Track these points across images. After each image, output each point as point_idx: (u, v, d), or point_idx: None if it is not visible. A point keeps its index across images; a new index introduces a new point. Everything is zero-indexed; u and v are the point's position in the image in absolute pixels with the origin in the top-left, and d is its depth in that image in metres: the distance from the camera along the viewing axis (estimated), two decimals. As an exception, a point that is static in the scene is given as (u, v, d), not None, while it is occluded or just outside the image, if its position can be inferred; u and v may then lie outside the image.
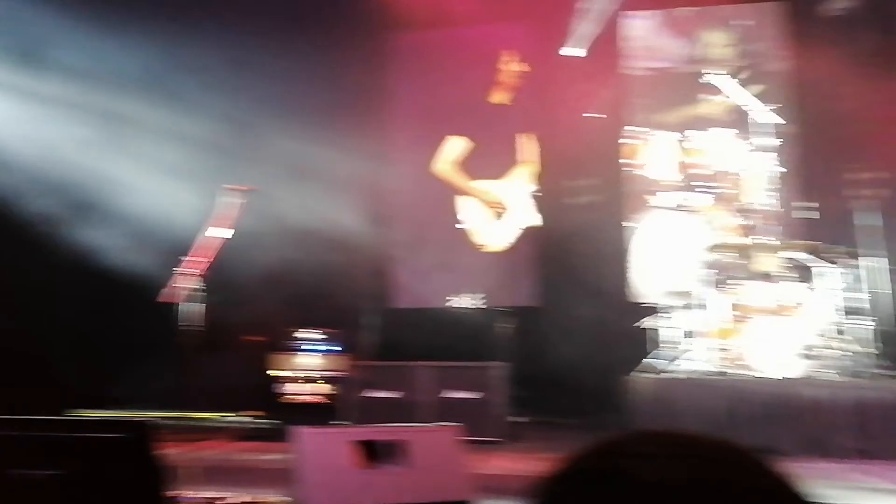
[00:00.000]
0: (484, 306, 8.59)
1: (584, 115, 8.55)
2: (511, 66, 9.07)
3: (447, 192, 9.17)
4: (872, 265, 6.67)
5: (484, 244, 9.01)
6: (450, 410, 6.29)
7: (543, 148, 8.91)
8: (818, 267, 6.60)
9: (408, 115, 9.28)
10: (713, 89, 8.38)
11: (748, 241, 7.48)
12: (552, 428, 7.31)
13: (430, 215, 9.08)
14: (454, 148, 9.17)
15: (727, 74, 8.26)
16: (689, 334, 6.77)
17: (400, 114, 9.32)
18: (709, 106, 8.51)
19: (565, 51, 8.67)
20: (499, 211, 9.06)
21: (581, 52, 8.61)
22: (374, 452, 3.04)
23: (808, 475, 4.83)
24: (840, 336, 6.33)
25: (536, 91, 8.97)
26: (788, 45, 8.43)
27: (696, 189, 8.35)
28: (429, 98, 9.15)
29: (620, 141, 8.77)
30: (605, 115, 8.58)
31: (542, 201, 8.95)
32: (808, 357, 6.04)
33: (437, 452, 2.98)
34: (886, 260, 6.66)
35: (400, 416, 6.31)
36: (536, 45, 9.00)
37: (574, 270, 8.44)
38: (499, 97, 9.14)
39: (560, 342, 7.93)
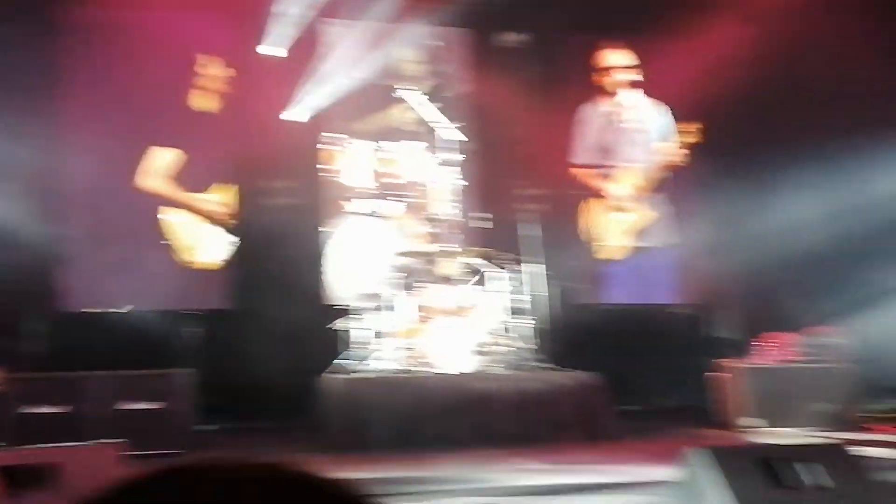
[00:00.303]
0: (169, 309, 8.08)
1: (282, 117, 8.50)
2: (211, 70, 8.66)
3: (129, 189, 8.44)
4: (533, 270, 7.59)
5: (194, 260, 8.46)
6: (127, 423, 5.82)
7: (242, 150, 8.61)
8: (490, 272, 7.34)
9: (88, 102, 8.39)
10: (406, 103, 8.87)
11: (432, 247, 8.05)
12: (243, 434, 7.15)
13: (111, 212, 8.31)
14: (161, 159, 8.49)
15: (417, 90, 8.81)
16: (378, 335, 7.07)
17: (78, 100, 8.39)
18: (401, 119, 8.96)
19: (263, 49, 8.53)
20: (212, 224, 8.58)
21: (280, 52, 8.54)
22: (17, 479, 2.66)
23: (478, 461, 5.37)
24: (507, 334, 7.10)
25: (234, 90, 8.70)
26: (470, 69, 9.24)
27: (389, 197, 8.74)
28: (113, 86, 8.38)
29: (319, 146, 8.86)
30: (303, 120, 8.60)
31: (240, 203, 8.68)
32: (480, 353, 6.66)
33: (95, 474, 2.71)
34: (544, 266, 7.62)
35: (67, 434, 5.67)
36: (234, 40, 8.70)
37: (270, 273, 8.35)
38: (201, 102, 8.68)
39: (254, 346, 7.79)
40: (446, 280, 7.30)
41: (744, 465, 3.09)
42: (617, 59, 9.61)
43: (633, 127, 9.62)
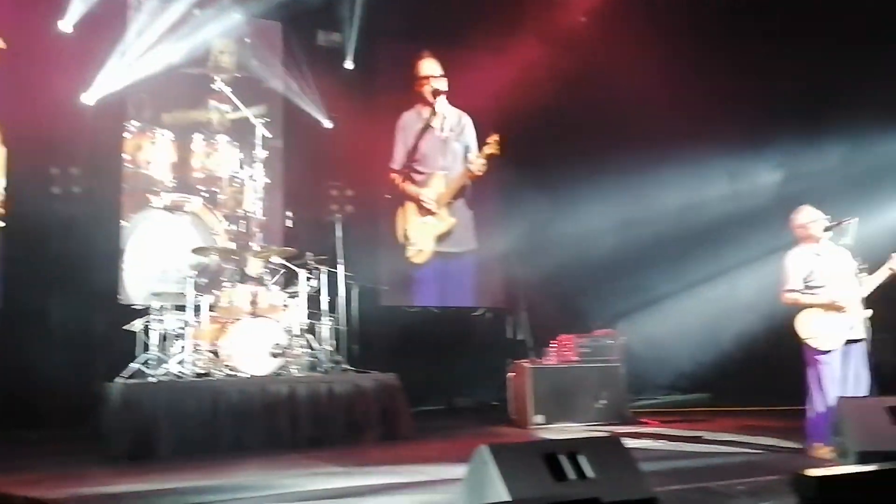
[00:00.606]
0: None
1: (80, 101, 7.79)
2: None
3: None
4: (337, 272, 7.55)
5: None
6: None
7: (21, 133, 7.74)
8: (294, 272, 7.22)
9: None
10: (217, 96, 8.50)
11: (235, 245, 7.78)
12: (15, 444, 6.45)
13: None
14: None
15: (229, 84, 8.49)
16: (178, 336, 6.70)
17: None
18: (212, 112, 8.56)
19: (58, 25, 7.77)
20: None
21: (68, 30, 7.82)
22: None
23: (273, 467, 5.24)
24: (307, 336, 7.00)
25: (13, 67, 7.82)
26: (284, 65, 9.02)
27: (195, 192, 8.34)
28: None
29: (124, 135, 8.25)
30: (90, 103, 7.90)
31: (17, 192, 7.79)
32: (279, 356, 6.50)
33: None
34: (343, 267, 7.60)
35: None
36: (19, 13, 7.83)
37: (54, 268, 7.63)
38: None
39: (30, 347, 7.08)
40: (248, 280, 7.08)
41: (519, 459, 3.26)
42: (432, 69, 9.85)
43: (444, 136, 9.91)
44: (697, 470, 5.00)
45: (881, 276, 5.33)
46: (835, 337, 5.29)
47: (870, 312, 5.31)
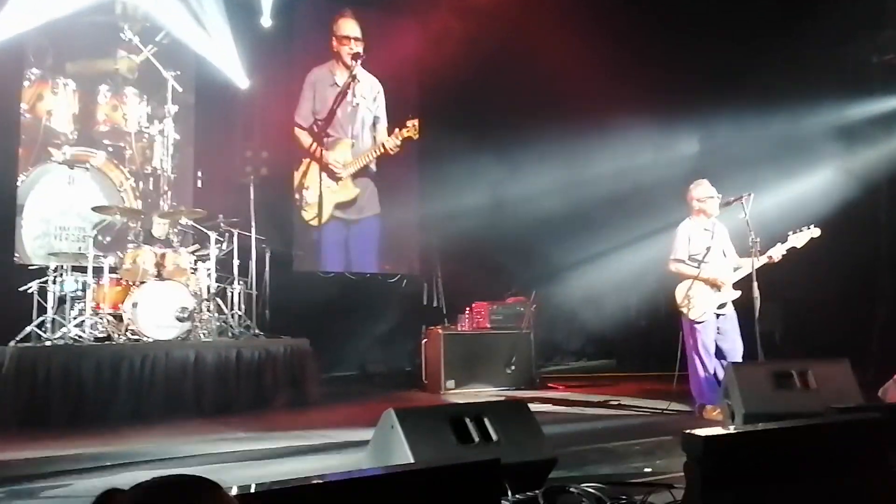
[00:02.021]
0: None
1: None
2: None
3: None
4: (247, 235, 7.37)
5: None
6: None
7: None
8: (202, 234, 7.01)
9: None
10: (126, 46, 8.10)
11: (141, 204, 7.49)
12: None
13: None
14: None
15: (138, 34, 8.10)
16: (77, 299, 6.42)
17: None
18: (120, 62, 8.16)
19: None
20: None
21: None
22: None
23: (175, 433, 5.12)
24: (215, 300, 6.83)
25: None
26: (197, 17, 8.61)
27: (100, 147, 7.96)
28: None
29: (23, 84, 7.75)
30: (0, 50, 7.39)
31: None
32: (185, 320, 6.32)
33: None
34: (255, 231, 7.43)
35: None
36: None
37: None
38: None
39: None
40: (155, 241, 6.82)
41: (425, 423, 3.30)
42: (351, 29, 9.65)
43: (356, 102, 9.76)
44: (597, 432, 5.20)
45: (759, 261, 5.61)
46: (707, 309, 5.65)
47: (738, 294, 5.67)
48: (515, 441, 3.37)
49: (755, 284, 5.55)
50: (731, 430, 3.34)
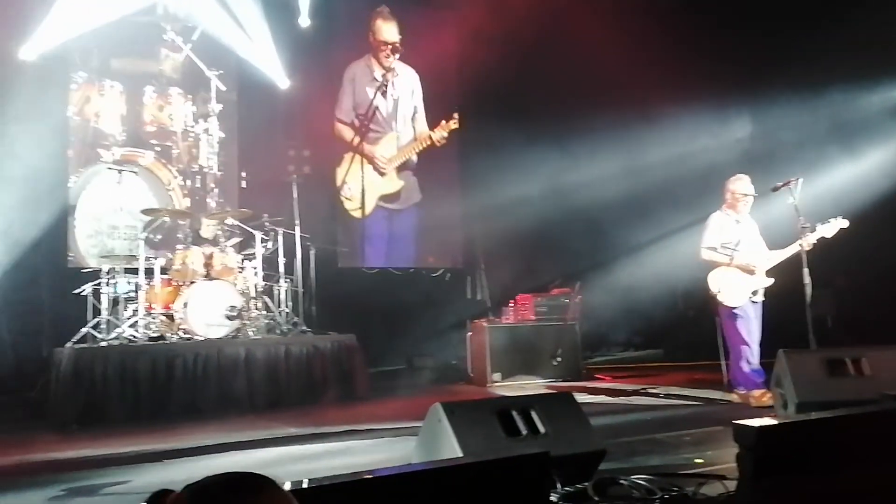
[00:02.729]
0: None
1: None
2: None
3: None
4: (291, 233, 7.47)
5: None
6: None
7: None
8: (248, 233, 7.13)
9: None
10: (169, 46, 8.25)
11: (190, 203, 7.64)
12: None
13: None
14: None
15: (181, 34, 8.25)
16: (129, 300, 6.59)
17: None
18: (164, 62, 8.32)
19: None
20: None
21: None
22: None
23: (229, 429, 5.24)
24: (262, 297, 6.96)
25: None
26: (236, 18, 8.74)
27: (148, 147, 8.12)
28: None
29: (70, 87, 7.94)
30: (48, 55, 7.57)
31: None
32: (235, 318, 6.44)
33: None
34: (300, 229, 7.52)
35: None
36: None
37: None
38: None
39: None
40: (203, 241, 6.96)
41: (472, 416, 3.32)
42: (389, 27, 9.69)
43: (397, 96, 9.80)
44: (646, 422, 5.17)
45: (790, 250, 5.68)
46: (741, 294, 5.70)
47: (771, 281, 5.72)
48: (563, 433, 3.37)
49: (806, 270, 5.48)
50: (784, 419, 3.28)
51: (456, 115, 9.65)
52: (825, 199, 6.44)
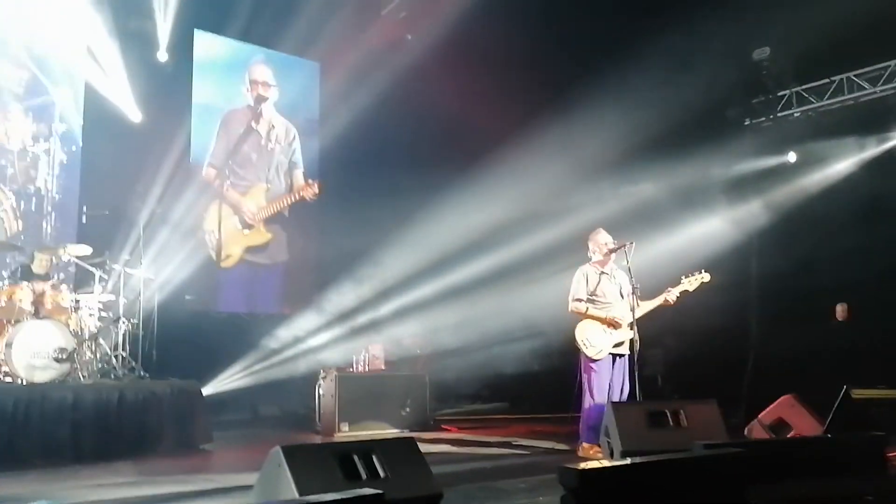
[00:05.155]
0: None
1: None
2: None
3: None
4: (136, 272, 7.13)
5: None
6: None
7: None
8: (90, 271, 6.74)
9: None
10: (14, 61, 7.79)
11: (20, 228, 7.14)
12: None
13: None
14: None
15: (26, 49, 7.82)
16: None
17: None
18: (8, 78, 7.81)
19: None
20: None
21: None
22: None
23: (50, 478, 4.85)
24: (98, 340, 6.55)
25: None
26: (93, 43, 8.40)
27: None
28: None
29: None
30: None
31: None
32: (64, 361, 6.02)
33: None
34: (144, 268, 7.20)
35: None
36: None
37: None
38: None
39: None
40: (34, 277, 6.49)
41: (313, 460, 3.30)
42: (263, 74, 9.68)
43: (271, 146, 9.76)
44: (485, 470, 5.31)
45: (654, 303, 6.00)
46: (604, 348, 5.90)
47: (633, 334, 5.90)
48: (402, 477, 3.41)
49: (635, 330, 5.85)
50: (605, 464, 3.51)
51: (314, 185, 9.74)
52: (658, 262, 6.90)
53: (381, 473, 3.37)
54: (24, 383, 5.82)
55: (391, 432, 7.40)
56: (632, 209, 8.41)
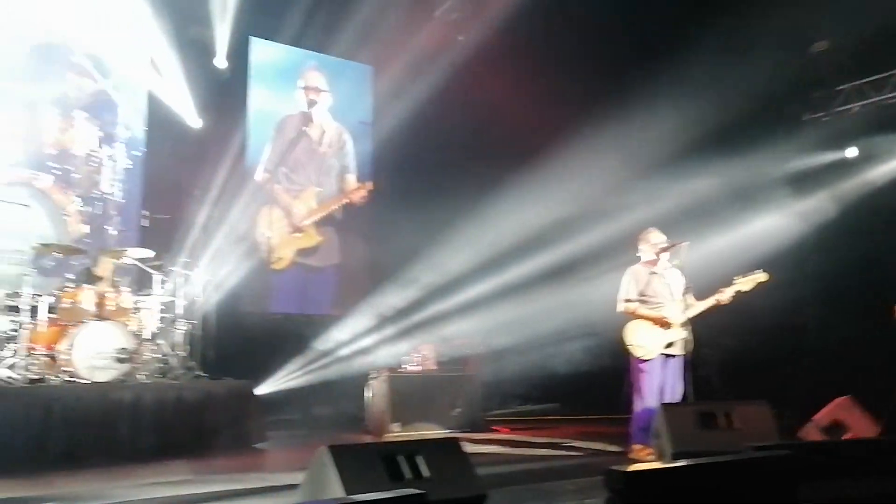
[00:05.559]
0: None
1: None
2: None
3: None
4: (193, 275, 7.33)
5: None
6: None
7: None
8: (150, 274, 6.95)
9: None
10: (78, 70, 8.06)
11: (85, 233, 7.39)
12: None
13: None
14: None
15: (90, 58, 8.10)
16: (10, 339, 6.26)
17: None
18: (72, 86, 8.10)
19: None
20: None
21: None
22: None
23: (111, 476, 5.02)
24: (156, 341, 6.76)
25: None
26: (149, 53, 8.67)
27: (47, 169, 7.77)
28: None
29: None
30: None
31: None
32: (125, 361, 6.22)
33: None
34: (201, 271, 7.40)
35: None
36: None
37: None
38: None
39: None
40: (96, 280, 6.72)
41: (358, 460, 3.34)
42: (316, 79, 9.85)
43: (322, 150, 9.91)
44: (532, 472, 5.28)
45: (707, 303, 5.86)
46: (654, 348, 5.81)
47: (686, 334, 5.81)
48: (446, 477, 3.42)
49: (689, 329, 5.75)
50: (653, 466, 3.45)
51: (364, 185, 9.85)
52: (714, 261, 6.76)
53: (425, 474, 3.39)
54: (87, 383, 6.04)
55: (441, 433, 7.42)
56: (687, 206, 8.24)
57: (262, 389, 7.70)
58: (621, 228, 8.06)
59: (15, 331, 6.19)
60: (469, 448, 3.74)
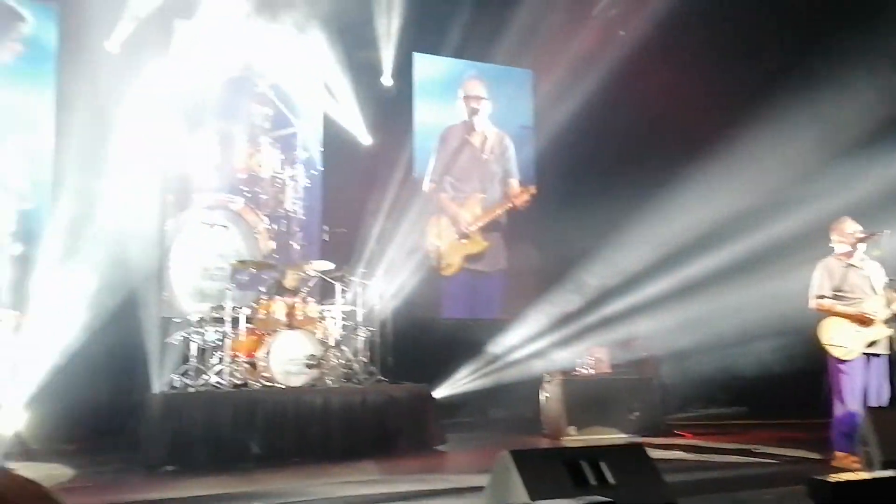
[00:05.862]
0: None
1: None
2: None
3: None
4: (368, 283, 7.69)
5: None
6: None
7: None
8: (332, 284, 7.38)
9: None
10: (261, 99, 8.74)
11: (272, 248, 8.00)
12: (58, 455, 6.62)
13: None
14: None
15: (272, 88, 8.78)
16: (216, 348, 6.88)
17: None
18: (257, 114, 8.81)
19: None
20: None
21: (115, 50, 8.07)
22: None
23: (303, 475, 5.36)
24: (340, 347, 7.14)
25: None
26: (322, 79, 9.22)
27: (238, 193, 8.51)
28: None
29: (170, 137, 8.44)
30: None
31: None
32: (314, 366, 6.63)
33: None
34: (381, 279, 7.73)
35: None
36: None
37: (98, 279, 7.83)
38: None
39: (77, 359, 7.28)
40: (286, 292, 7.24)
41: (541, 465, 3.33)
42: (476, 88, 10.05)
43: (485, 157, 10.08)
44: (725, 479, 4.99)
45: None
46: (855, 347, 5.32)
47: (891, 331, 5.31)
48: (632, 484, 3.33)
49: (894, 326, 5.23)
50: (862, 475, 3.15)
51: (527, 188, 9.88)
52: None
53: (611, 480, 3.32)
54: (283, 387, 6.52)
55: (620, 437, 7.24)
56: (886, 191, 7.49)
57: (439, 393, 7.92)
58: (811, 218, 7.46)
59: (220, 340, 6.80)
60: (652, 454, 3.60)
